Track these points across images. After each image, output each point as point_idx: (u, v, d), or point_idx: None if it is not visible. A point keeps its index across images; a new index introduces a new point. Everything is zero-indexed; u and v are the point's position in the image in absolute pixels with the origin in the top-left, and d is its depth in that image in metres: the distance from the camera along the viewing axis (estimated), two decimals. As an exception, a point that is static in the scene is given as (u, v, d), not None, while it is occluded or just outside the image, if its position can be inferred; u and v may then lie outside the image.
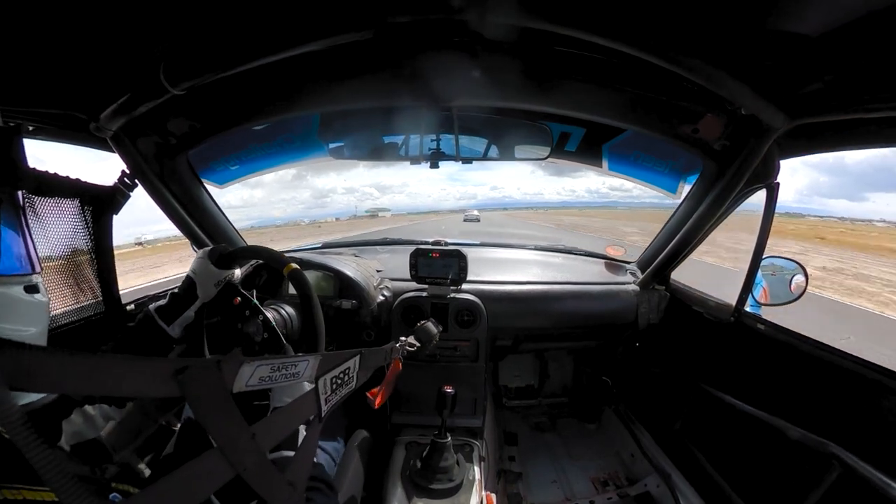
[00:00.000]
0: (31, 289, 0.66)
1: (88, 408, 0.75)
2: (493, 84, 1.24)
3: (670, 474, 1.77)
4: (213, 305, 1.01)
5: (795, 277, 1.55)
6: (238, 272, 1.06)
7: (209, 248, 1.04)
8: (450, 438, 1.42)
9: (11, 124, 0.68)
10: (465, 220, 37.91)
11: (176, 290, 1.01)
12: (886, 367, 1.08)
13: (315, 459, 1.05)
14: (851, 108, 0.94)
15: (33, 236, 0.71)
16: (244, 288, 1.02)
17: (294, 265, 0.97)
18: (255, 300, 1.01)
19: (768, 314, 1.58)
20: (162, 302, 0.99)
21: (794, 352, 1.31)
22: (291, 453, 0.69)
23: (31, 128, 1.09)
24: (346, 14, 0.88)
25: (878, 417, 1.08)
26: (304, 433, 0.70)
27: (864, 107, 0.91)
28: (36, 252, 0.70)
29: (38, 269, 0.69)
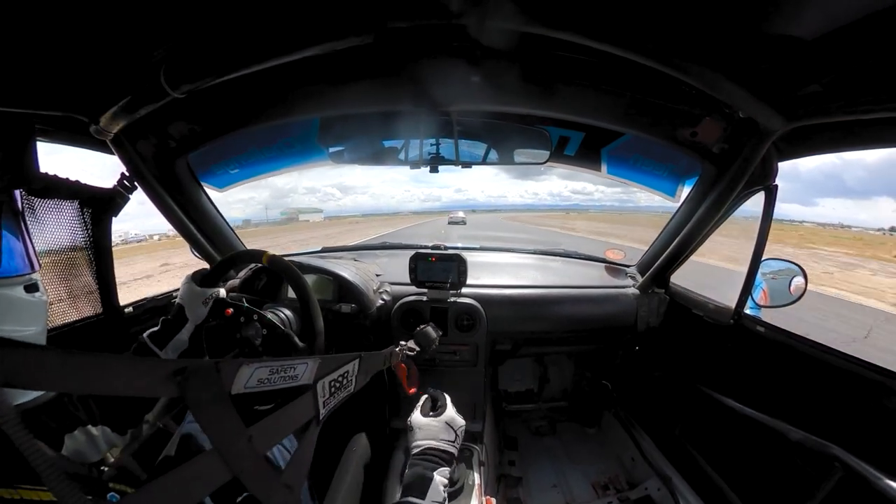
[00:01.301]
0: (31, 287, 0.66)
1: (92, 428, 0.75)
2: (492, 88, 1.25)
3: (671, 478, 1.76)
4: (209, 323, 1.03)
5: (795, 279, 1.55)
6: (223, 291, 1.07)
7: (190, 273, 1.08)
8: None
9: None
10: (449, 223, 35.98)
11: (167, 317, 1.03)
12: (887, 367, 1.08)
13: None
14: (849, 110, 0.95)
15: (32, 237, 0.71)
16: (243, 293, 1.03)
17: (271, 253, 1.01)
18: (246, 304, 1.02)
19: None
20: (154, 329, 1.01)
21: (795, 353, 1.31)
22: (288, 456, 0.69)
23: None
24: (346, 19, 0.88)
25: (879, 419, 1.07)
26: (303, 436, 0.70)
27: (862, 108, 0.92)
28: (35, 250, 0.70)
29: (36, 267, 0.70)
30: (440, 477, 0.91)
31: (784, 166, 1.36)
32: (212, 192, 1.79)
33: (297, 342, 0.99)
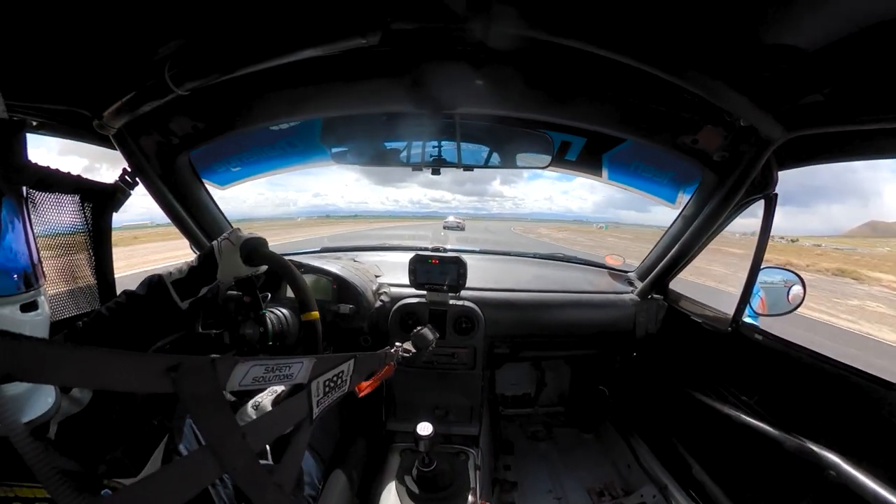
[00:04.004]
0: (29, 306, 0.61)
1: (75, 391, 0.74)
2: (495, 92, 1.25)
3: (667, 485, 1.75)
4: (227, 293, 0.99)
5: (793, 288, 1.55)
6: (263, 268, 1.02)
7: (245, 237, 0.97)
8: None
9: (15, 118, 0.66)
10: (445, 228, 33.65)
11: (195, 264, 0.95)
12: (884, 377, 1.08)
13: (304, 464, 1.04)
14: (849, 120, 0.95)
15: (36, 238, 0.66)
16: (246, 285, 1.01)
17: (315, 314, 0.93)
18: (264, 306, 1.00)
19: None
20: (179, 276, 0.93)
21: (792, 362, 1.31)
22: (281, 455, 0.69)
23: (34, 123, 1.09)
24: (352, 19, 0.89)
25: (875, 428, 1.07)
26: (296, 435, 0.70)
27: (862, 118, 0.92)
28: (39, 260, 0.64)
29: (41, 281, 0.64)
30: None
31: None
32: (213, 190, 1.79)
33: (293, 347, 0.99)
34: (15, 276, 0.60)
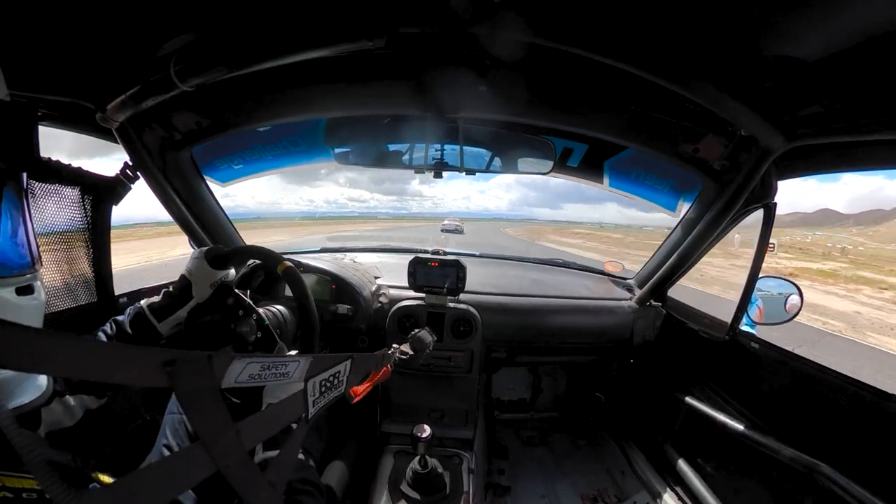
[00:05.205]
0: (24, 290, 0.61)
1: (69, 398, 0.73)
2: (499, 98, 1.26)
3: (661, 492, 1.74)
4: (207, 306, 1.00)
5: (791, 297, 1.55)
6: (233, 273, 1.06)
7: (205, 248, 1.04)
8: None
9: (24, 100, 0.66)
10: (443, 231, 32.83)
11: (171, 290, 1.00)
12: (880, 388, 1.08)
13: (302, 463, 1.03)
14: (849, 131, 0.96)
15: (33, 226, 0.67)
16: (240, 288, 1.02)
17: (288, 263, 0.98)
18: (249, 300, 1.00)
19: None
20: (155, 299, 0.98)
21: (788, 371, 1.31)
22: (275, 453, 0.69)
23: (37, 114, 1.09)
24: (359, 22, 0.89)
25: (869, 439, 1.07)
26: (290, 434, 0.69)
27: (862, 129, 0.93)
28: (36, 247, 0.65)
29: (36, 266, 0.64)
30: None
31: (536, 177, 1.39)
32: (214, 187, 1.79)
33: (288, 345, 0.99)
34: (11, 258, 0.60)
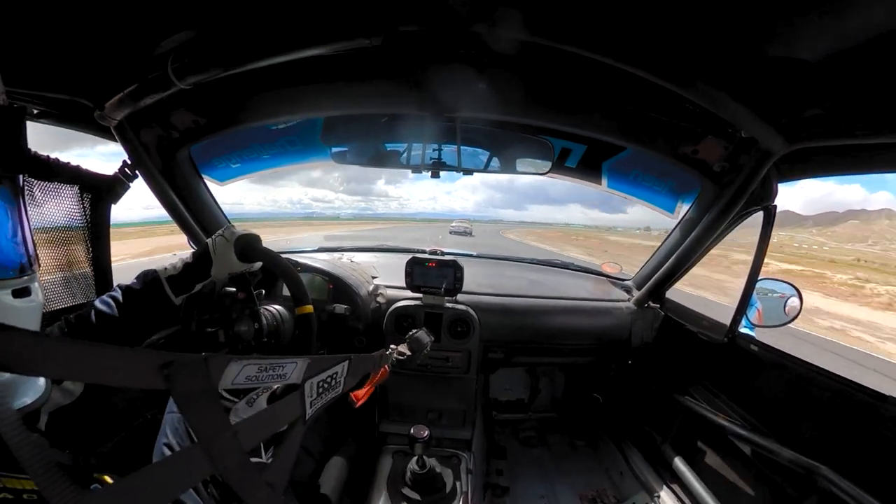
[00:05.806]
0: (21, 292, 0.60)
1: (67, 382, 0.73)
2: (497, 97, 1.25)
3: (659, 493, 1.75)
4: (207, 302, 0.98)
5: (790, 300, 1.56)
6: (258, 265, 1.01)
7: (238, 234, 0.97)
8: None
9: (16, 105, 0.65)
10: (451, 233, 31.99)
11: (189, 261, 0.95)
12: (879, 391, 1.08)
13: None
14: (849, 134, 0.96)
15: (30, 226, 0.66)
16: (240, 281, 1.00)
17: (309, 307, 0.93)
18: (259, 305, 0.99)
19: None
20: (173, 272, 0.93)
21: (787, 373, 1.31)
22: (272, 454, 0.68)
23: (35, 111, 1.09)
24: (356, 20, 0.89)
25: (868, 441, 1.07)
26: (288, 435, 0.69)
27: (862, 133, 0.93)
28: (34, 247, 0.64)
29: (34, 268, 0.63)
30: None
31: (501, 179, 1.39)
32: (211, 185, 1.79)
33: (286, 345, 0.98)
34: (8, 261, 0.59)
